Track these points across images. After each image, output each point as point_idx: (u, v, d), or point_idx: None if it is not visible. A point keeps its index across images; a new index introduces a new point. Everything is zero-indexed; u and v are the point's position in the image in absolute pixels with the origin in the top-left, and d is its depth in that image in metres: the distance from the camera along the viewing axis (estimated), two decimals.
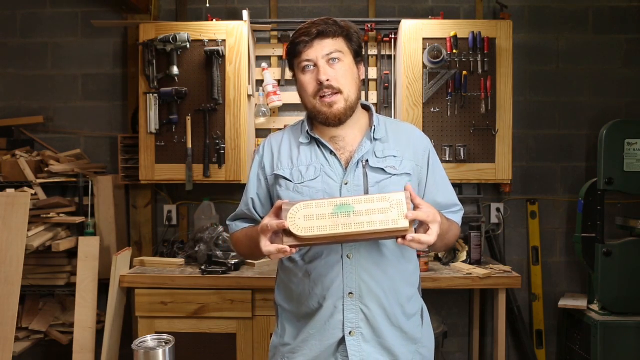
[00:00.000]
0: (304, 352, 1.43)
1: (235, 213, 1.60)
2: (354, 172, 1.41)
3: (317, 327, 1.41)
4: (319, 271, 1.40)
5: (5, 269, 2.52)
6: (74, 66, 3.22)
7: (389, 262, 1.41)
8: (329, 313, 1.39)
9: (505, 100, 2.81)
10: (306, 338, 1.43)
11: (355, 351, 1.38)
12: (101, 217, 2.98)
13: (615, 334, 2.69)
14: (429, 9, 3.15)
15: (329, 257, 1.39)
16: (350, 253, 1.38)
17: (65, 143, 3.21)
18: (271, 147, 1.53)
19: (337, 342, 1.40)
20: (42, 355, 3.15)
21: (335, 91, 1.39)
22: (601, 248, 2.74)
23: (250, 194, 1.54)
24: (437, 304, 3.12)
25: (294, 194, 1.41)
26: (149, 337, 1.23)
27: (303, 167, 1.44)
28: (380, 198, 1.23)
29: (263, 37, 3.15)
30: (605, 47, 3.15)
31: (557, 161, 3.18)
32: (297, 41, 1.42)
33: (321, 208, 1.24)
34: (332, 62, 1.40)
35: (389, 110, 3.03)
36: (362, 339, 1.39)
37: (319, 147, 1.46)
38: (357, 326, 1.39)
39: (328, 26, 1.41)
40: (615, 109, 3.13)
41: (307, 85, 1.42)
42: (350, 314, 1.38)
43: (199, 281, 2.53)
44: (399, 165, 1.43)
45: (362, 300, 1.38)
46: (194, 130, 2.82)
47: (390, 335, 1.40)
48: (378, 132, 1.46)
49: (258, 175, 1.53)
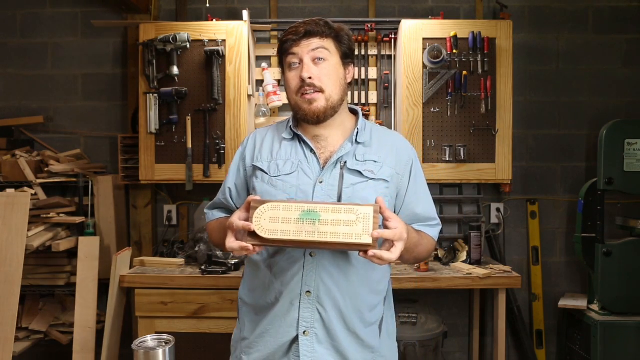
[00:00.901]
0: (259, 347, 1.43)
1: (213, 202, 1.62)
2: (331, 171, 1.41)
3: (273, 323, 1.41)
4: (281, 265, 1.40)
5: (5, 269, 2.52)
6: (73, 66, 3.22)
7: (352, 266, 1.40)
8: (284, 309, 1.39)
9: (505, 100, 2.81)
10: (262, 333, 1.43)
11: (307, 351, 1.37)
12: (101, 217, 2.98)
13: (615, 334, 2.69)
14: (429, 9, 3.15)
15: (292, 253, 1.39)
16: (314, 251, 1.38)
17: (65, 143, 3.21)
18: (255, 139, 1.55)
19: (290, 341, 1.39)
20: (42, 355, 3.14)
21: (317, 89, 1.40)
22: (601, 248, 2.74)
23: (228, 183, 1.56)
24: (437, 304, 3.11)
25: (268, 186, 1.42)
26: (149, 337, 1.23)
27: (281, 161, 1.45)
28: (348, 210, 1.23)
29: (263, 37, 3.15)
30: (605, 47, 3.15)
31: (557, 161, 3.18)
32: (285, 39, 1.43)
33: (288, 212, 1.24)
34: (318, 61, 1.41)
35: (389, 110, 3.03)
36: (316, 340, 1.38)
37: (300, 144, 1.47)
38: (312, 326, 1.38)
39: (317, 26, 1.42)
40: (615, 109, 3.13)
41: (291, 82, 1.43)
42: (305, 313, 1.38)
43: (199, 281, 2.53)
44: (378, 171, 1.43)
45: (319, 300, 1.38)
46: (194, 130, 2.82)
47: (345, 339, 1.39)
48: (361, 136, 1.46)
49: (238, 165, 1.55)
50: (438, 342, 2.69)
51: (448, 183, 2.96)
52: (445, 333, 2.74)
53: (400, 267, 2.71)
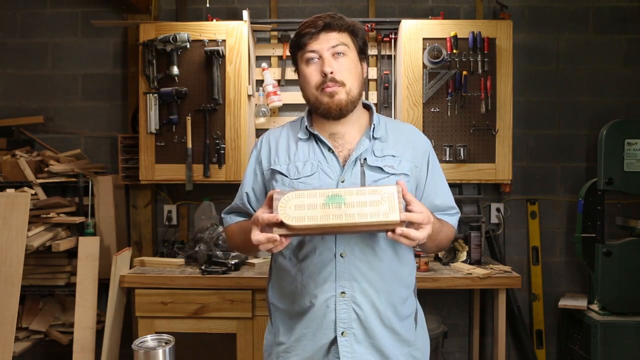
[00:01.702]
0: (297, 351, 1.42)
1: (230, 206, 1.59)
2: (352, 170, 1.40)
3: (310, 327, 1.40)
4: (312, 269, 1.39)
5: (5, 269, 2.52)
6: (74, 66, 3.22)
7: (382, 262, 1.39)
8: (321, 312, 1.38)
9: (505, 100, 2.81)
10: (299, 337, 1.42)
11: (347, 352, 1.36)
12: (101, 217, 2.98)
13: (615, 334, 2.69)
14: (429, 9, 3.15)
15: (322, 256, 1.38)
16: (344, 252, 1.37)
17: (65, 143, 3.21)
18: (269, 141, 1.52)
19: (329, 343, 1.38)
20: (42, 355, 3.14)
21: (338, 84, 1.38)
22: (601, 248, 2.74)
23: (245, 188, 1.53)
24: (437, 304, 3.11)
25: (290, 189, 1.39)
26: (149, 337, 1.22)
27: (300, 162, 1.43)
28: (372, 191, 1.23)
29: (263, 37, 3.15)
30: (605, 47, 3.15)
31: (557, 161, 3.18)
32: (302, 32, 1.40)
33: (312, 198, 1.23)
34: (337, 55, 1.39)
35: (389, 110, 3.03)
36: (355, 340, 1.37)
37: (317, 144, 1.45)
38: (350, 326, 1.37)
39: (334, 20, 1.40)
40: (615, 109, 3.13)
41: (310, 77, 1.40)
42: (342, 314, 1.37)
43: (199, 281, 2.53)
44: (398, 165, 1.42)
45: (355, 300, 1.37)
46: (194, 130, 2.82)
47: (382, 336, 1.39)
48: (378, 131, 1.45)
49: (254, 169, 1.52)
50: (438, 342, 2.69)
51: (448, 183, 2.94)
52: (445, 333, 2.73)
53: None
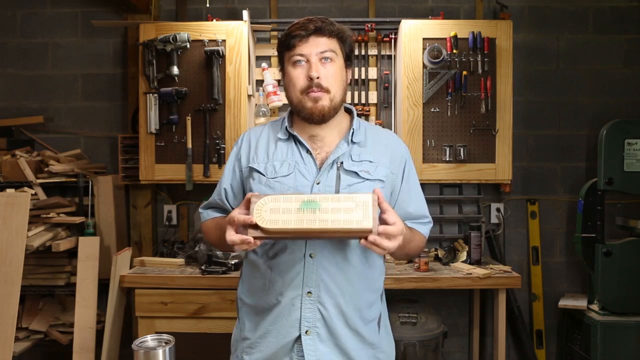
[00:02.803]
0: (261, 347, 1.43)
1: (208, 201, 1.61)
2: (328, 172, 1.41)
3: (275, 323, 1.41)
4: (281, 267, 1.40)
5: (5, 269, 2.52)
6: (74, 66, 3.22)
7: (351, 265, 1.41)
8: (286, 310, 1.40)
9: (505, 100, 2.81)
10: (264, 334, 1.43)
11: (310, 350, 1.38)
12: (101, 217, 2.98)
13: (615, 334, 2.69)
14: (429, 9, 3.15)
15: (293, 254, 1.39)
16: (314, 252, 1.38)
17: (65, 143, 3.21)
18: (249, 139, 1.53)
19: (293, 340, 1.40)
20: (42, 355, 3.14)
21: (323, 90, 1.40)
22: (601, 248, 2.74)
23: (223, 184, 1.55)
24: (437, 304, 3.11)
25: (265, 188, 1.42)
26: (149, 337, 1.22)
27: (277, 162, 1.45)
28: (347, 198, 1.25)
29: (263, 37, 3.15)
30: (605, 47, 3.15)
31: (557, 161, 3.18)
32: (293, 34, 1.40)
33: (288, 203, 1.25)
34: (324, 60, 1.40)
35: (389, 110, 3.03)
36: (318, 339, 1.39)
37: (296, 145, 1.46)
38: (314, 325, 1.39)
39: (325, 24, 1.41)
40: (615, 109, 3.13)
41: (296, 80, 1.41)
42: (307, 313, 1.39)
43: (199, 281, 2.53)
44: (374, 171, 1.43)
45: (320, 300, 1.39)
46: (194, 130, 2.82)
47: (346, 337, 1.41)
48: (357, 136, 1.47)
49: (234, 166, 1.54)
50: (438, 342, 2.69)
51: (448, 183, 2.96)
52: (445, 333, 2.73)
53: (400, 267, 2.71)
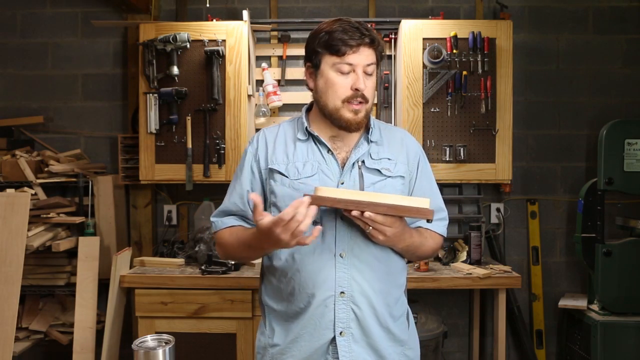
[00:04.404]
0: (293, 352, 1.41)
1: (222, 209, 1.51)
2: (350, 172, 1.42)
3: (307, 327, 1.39)
4: (310, 268, 1.39)
5: (5, 269, 2.52)
6: (74, 66, 3.22)
7: (379, 262, 1.41)
8: (319, 312, 1.38)
9: (505, 100, 2.81)
10: (295, 338, 1.41)
11: (345, 352, 1.38)
12: (101, 217, 2.98)
13: (615, 334, 2.69)
14: (429, 9, 3.15)
15: (322, 255, 1.38)
16: (344, 252, 1.38)
17: (65, 143, 3.21)
18: (265, 140, 1.50)
19: (327, 343, 1.39)
20: (42, 355, 3.14)
21: (364, 102, 1.41)
22: (601, 248, 2.74)
23: (244, 186, 1.48)
24: (437, 304, 3.11)
25: (290, 189, 1.40)
26: (149, 337, 1.22)
27: (299, 163, 1.43)
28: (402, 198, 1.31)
29: (263, 37, 3.15)
30: (605, 47, 3.15)
31: (557, 161, 3.18)
32: (344, 39, 1.36)
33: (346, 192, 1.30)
34: (367, 74, 1.40)
35: (389, 110, 3.03)
36: (352, 339, 1.39)
37: (316, 145, 1.46)
38: (348, 326, 1.38)
39: (375, 36, 1.40)
40: (615, 109, 3.13)
41: (339, 88, 1.39)
42: (341, 314, 1.38)
43: (199, 281, 2.53)
44: (394, 168, 1.45)
45: (353, 300, 1.38)
46: (194, 130, 2.82)
47: (378, 336, 1.41)
48: (374, 135, 1.48)
49: (252, 167, 1.49)
50: (438, 342, 2.69)
51: (448, 183, 2.95)
52: (445, 333, 2.73)
53: None
